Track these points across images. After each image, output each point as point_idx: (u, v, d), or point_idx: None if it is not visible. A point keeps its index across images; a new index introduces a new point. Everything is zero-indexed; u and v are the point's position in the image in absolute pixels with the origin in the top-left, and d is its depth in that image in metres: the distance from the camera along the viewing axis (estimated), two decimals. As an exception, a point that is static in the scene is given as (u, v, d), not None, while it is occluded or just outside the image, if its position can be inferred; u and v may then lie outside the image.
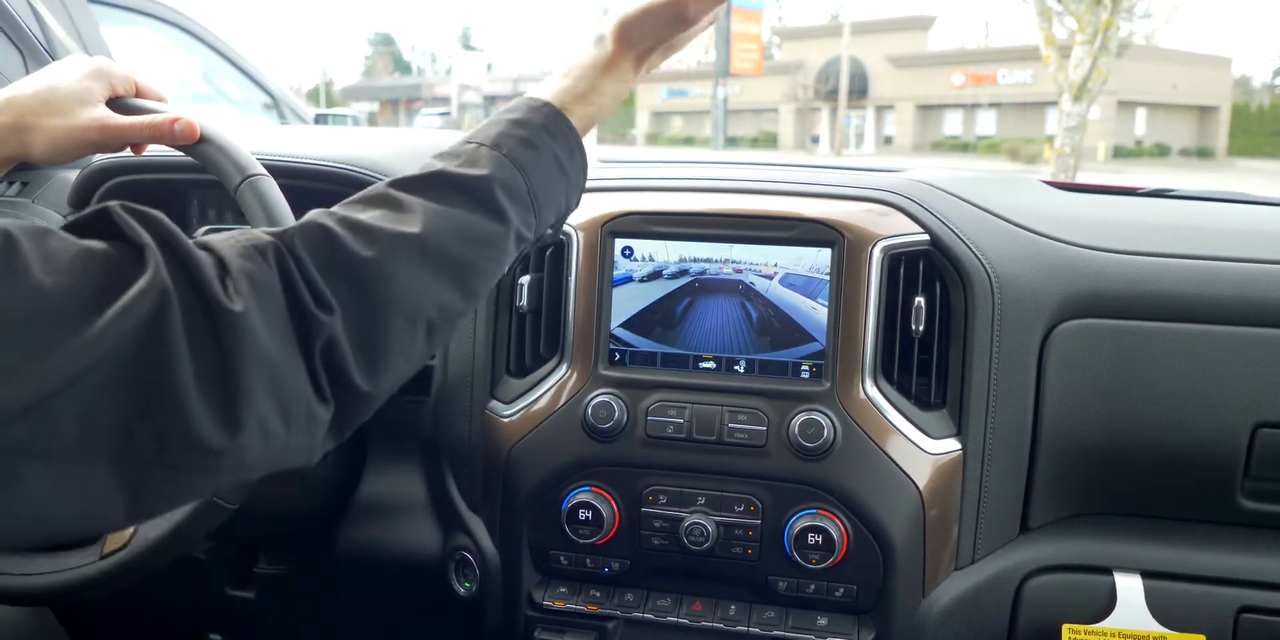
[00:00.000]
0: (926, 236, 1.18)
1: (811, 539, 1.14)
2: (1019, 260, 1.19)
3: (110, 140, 1.01)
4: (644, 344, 1.23)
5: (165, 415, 0.61)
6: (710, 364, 1.21)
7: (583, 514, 1.20)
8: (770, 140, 42.43)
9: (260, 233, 0.73)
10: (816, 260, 1.18)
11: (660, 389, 1.21)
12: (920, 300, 1.17)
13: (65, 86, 0.99)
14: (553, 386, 1.24)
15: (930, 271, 1.19)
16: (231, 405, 0.63)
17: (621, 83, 0.97)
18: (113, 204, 0.67)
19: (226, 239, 0.71)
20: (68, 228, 0.65)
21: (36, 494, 0.57)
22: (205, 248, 0.69)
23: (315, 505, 1.37)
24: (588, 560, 1.24)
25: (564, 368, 1.24)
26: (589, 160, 0.96)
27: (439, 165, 0.84)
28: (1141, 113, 36.94)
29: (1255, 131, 39.55)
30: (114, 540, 1.00)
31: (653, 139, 46.00)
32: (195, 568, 1.44)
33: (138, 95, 1.07)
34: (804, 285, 1.19)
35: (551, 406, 1.23)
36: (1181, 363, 1.16)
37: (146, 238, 0.64)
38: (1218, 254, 1.20)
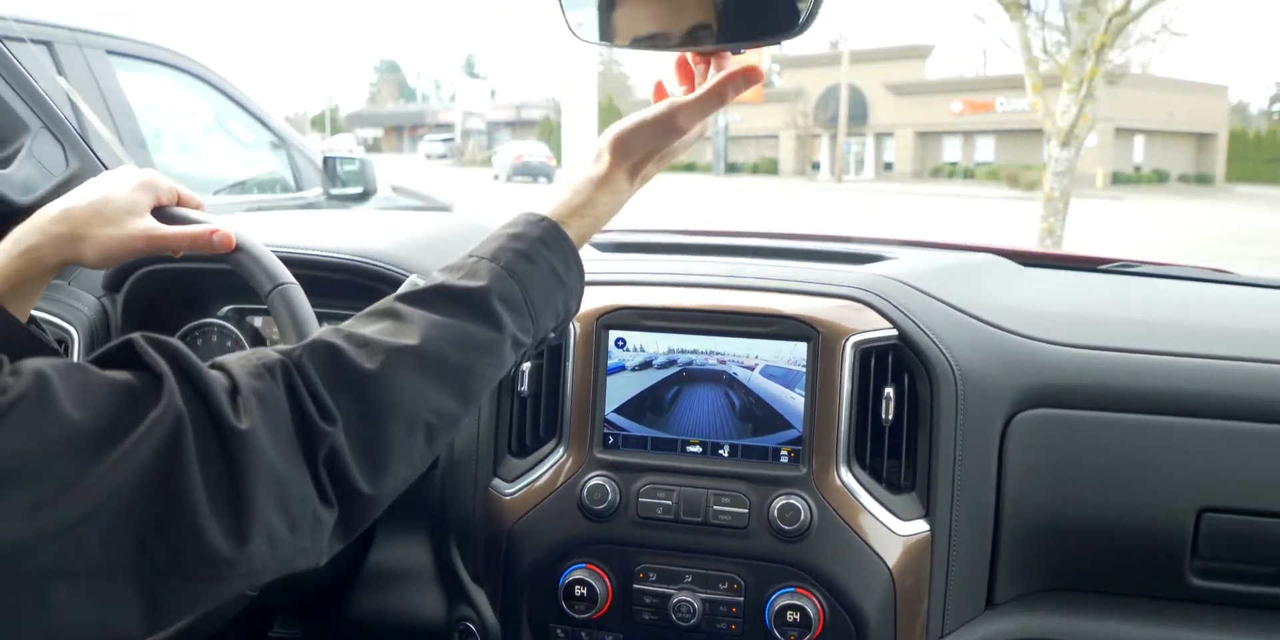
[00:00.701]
0: (895, 332, 1.28)
1: (790, 616, 1.23)
2: (980, 354, 1.29)
3: (155, 248, 1.12)
4: (636, 429, 1.33)
5: (179, 529, 0.68)
6: (697, 448, 1.31)
7: (579, 590, 1.29)
8: (771, 167, 42.66)
9: (270, 351, 0.81)
10: (794, 353, 1.28)
11: (651, 472, 1.31)
12: (890, 391, 1.27)
13: (117, 198, 1.09)
14: (551, 467, 1.34)
15: (899, 364, 1.29)
16: (240, 517, 0.70)
17: (617, 195, 1.04)
18: (136, 337, 0.75)
19: (239, 359, 0.79)
20: (96, 360, 0.74)
21: (61, 609, 0.64)
22: (219, 368, 0.77)
23: (327, 573, 1.46)
24: (583, 634, 1.33)
25: (561, 450, 1.34)
26: (584, 268, 1.02)
27: (441, 279, 0.92)
28: (1139, 140, 37.18)
29: (1253, 157, 39.76)
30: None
31: (654, 165, 46.09)
32: (212, 633, 1.53)
33: (179, 204, 1.18)
34: (783, 376, 1.29)
35: (550, 486, 1.33)
36: (1132, 450, 1.26)
37: (164, 367, 0.71)
38: (1167, 349, 1.30)
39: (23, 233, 1.06)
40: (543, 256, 0.96)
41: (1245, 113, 57.08)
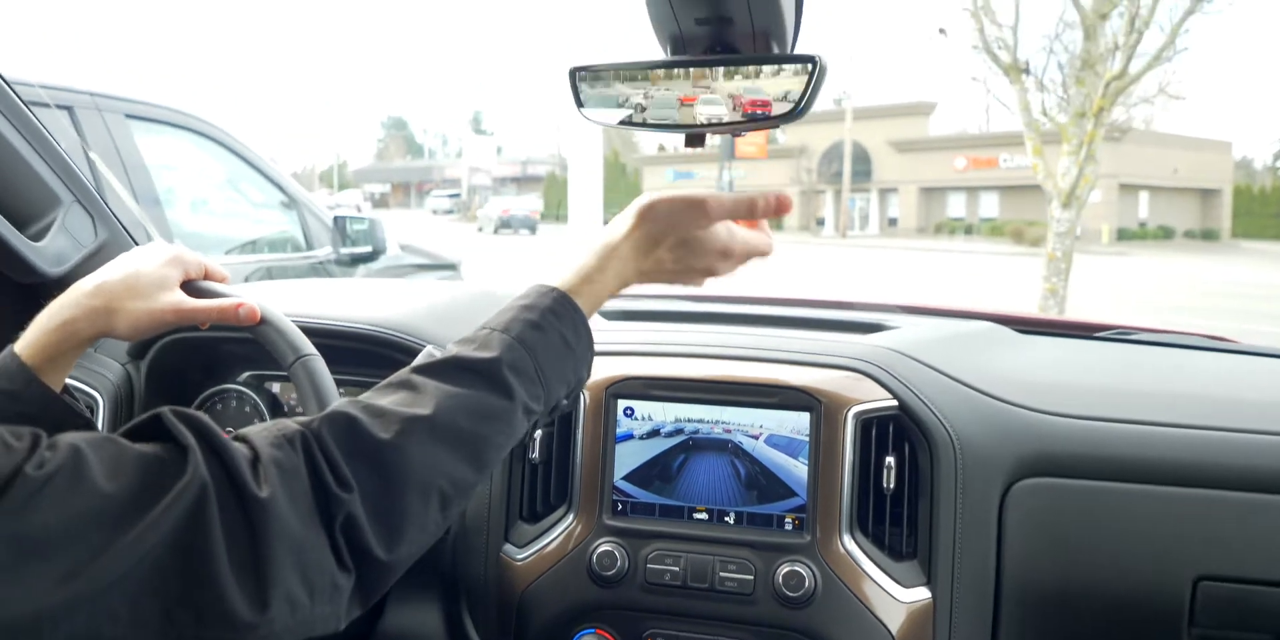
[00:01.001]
0: (895, 402, 1.32)
1: (794, 683, 1.26)
2: (979, 424, 1.33)
3: (184, 321, 1.17)
4: (644, 496, 1.37)
5: (203, 594, 0.71)
6: (703, 515, 1.35)
7: (586, 653, 1.32)
8: (775, 222, 42.78)
9: (290, 422, 0.85)
10: (797, 423, 1.33)
11: (659, 538, 1.34)
12: (891, 460, 1.31)
13: (148, 273, 1.15)
14: (561, 533, 1.38)
15: (900, 433, 1.33)
16: (261, 583, 0.74)
17: (626, 263, 1.06)
18: (164, 411, 0.79)
19: (261, 430, 0.83)
20: (127, 432, 0.79)
21: None
22: (241, 439, 0.81)
23: (341, 637, 1.49)
24: None
25: (571, 516, 1.38)
26: (594, 336, 1.05)
27: (455, 351, 0.96)
28: (1144, 196, 37.39)
29: (1258, 213, 39.98)
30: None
31: (660, 221, 46.39)
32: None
33: (206, 277, 1.24)
34: (786, 445, 1.33)
35: (560, 552, 1.37)
36: (1128, 519, 1.29)
37: (190, 439, 0.76)
38: (1164, 419, 1.33)
39: (59, 307, 1.11)
40: (553, 326, 0.99)
41: (1250, 169, 57.45)
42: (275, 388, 1.68)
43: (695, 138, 1.23)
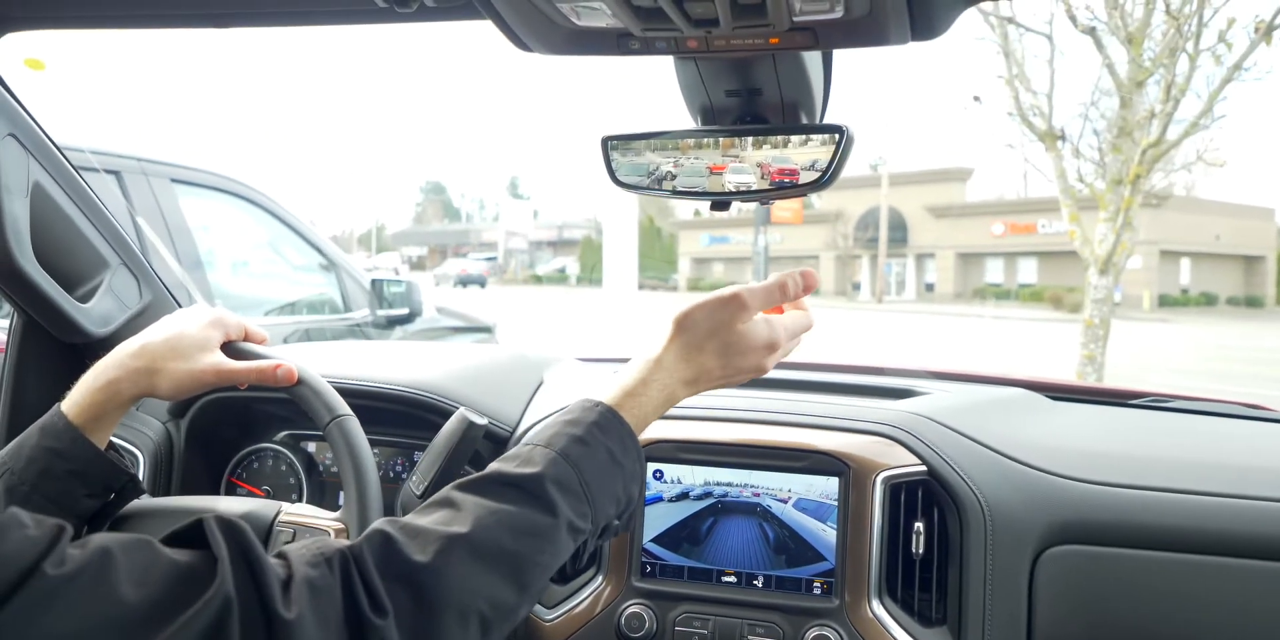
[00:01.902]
0: (924, 468, 1.33)
1: (822, 748, 1.25)
2: (1009, 490, 1.33)
3: (223, 381, 1.21)
4: (672, 558, 1.38)
5: None
6: (731, 578, 1.35)
7: (615, 717, 1.32)
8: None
9: (331, 542, 0.84)
10: (826, 487, 1.34)
11: (687, 601, 1.35)
12: (920, 525, 1.31)
13: (190, 334, 1.19)
14: (590, 594, 1.38)
15: (929, 499, 1.34)
16: None
17: (670, 374, 1.05)
18: (208, 517, 0.78)
19: (301, 548, 0.82)
20: (167, 539, 0.77)
21: None
22: (280, 556, 0.80)
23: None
24: None
25: (600, 578, 1.39)
26: (642, 453, 1.03)
27: (496, 467, 0.94)
28: (1186, 262, 37.09)
29: (1303, 281, 39.49)
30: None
31: (694, 284, 46.64)
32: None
33: (245, 339, 1.27)
34: (815, 509, 1.34)
35: (589, 613, 1.37)
36: (1161, 588, 1.28)
37: (224, 550, 0.74)
38: (1197, 488, 1.33)
39: (103, 368, 1.15)
40: (598, 440, 0.97)
41: (1291, 236, 56.83)
42: (311, 447, 1.71)
43: (722, 204, 1.26)
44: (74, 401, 1.12)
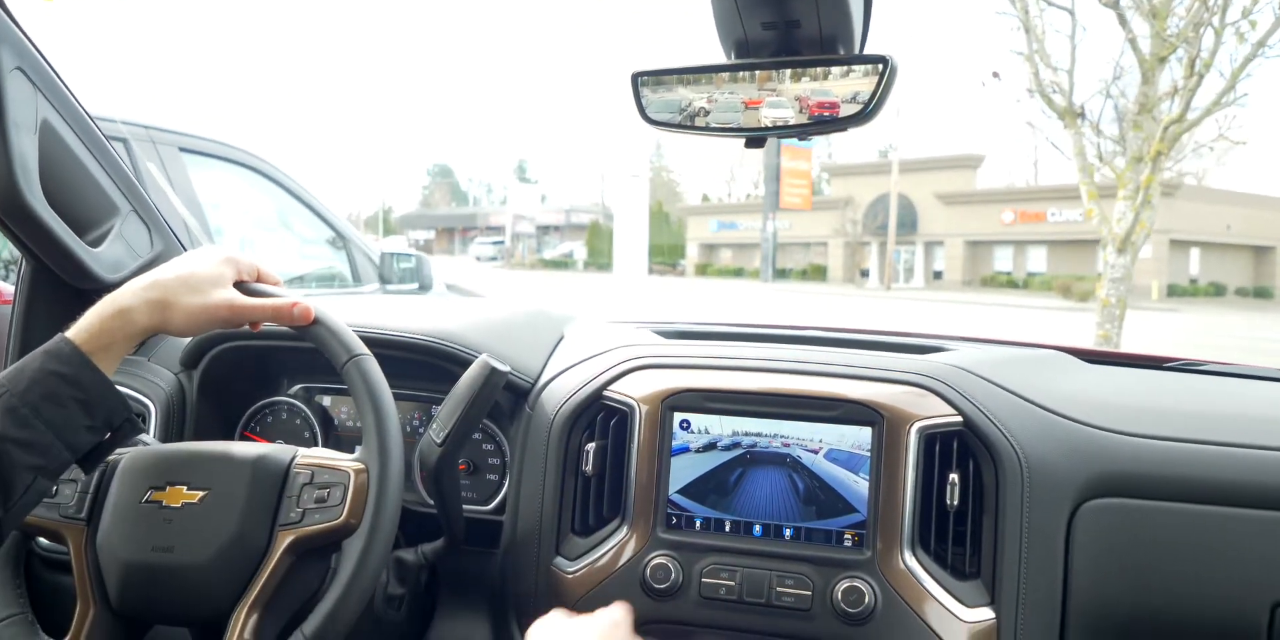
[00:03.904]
0: (960, 418, 1.29)
1: (853, 701, 1.22)
2: (1047, 442, 1.29)
3: (238, 318, 1.17)
4: (699, 510, 1.34)
5: None
6: (760, 530, 1.32)
7: (641, 668, 1.29)
8: (819, 273, 42.87)
9: None
10: (858, 438, 1.30)
11: (714, 552, 1.31)
12: (955, 476, 1.27)
13: (203, 271, 1.16)
14: (614, 546, 1.35)
15: (964, 450, 1.30)
16: None
17: None
18: None
19: None
20: None
21: None
22: None
23: (386, 651, 1.46)
24: None
25: (625, 529, 1.35)
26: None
27: None
28: (1195, 252, 36.96)
29: (1312, 271, 39.31)
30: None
31: (702, 270, 46.63)
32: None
33: (259, 279, 1.24)
34: (847, 460, 1.30)
35: (612, 565, 1.34)
36: (1202, 542, 1.24)
37: None
38: (1236, 440, 1.29)
39: (115, 297, 1.12)
40: None
41: (1301, 227, 56.56)
42: (326, 401, 1.68)
43: (756, 141, 1.21)
44: (82, 328, 1.08)
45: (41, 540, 1.45)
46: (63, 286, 1.53)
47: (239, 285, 1.20)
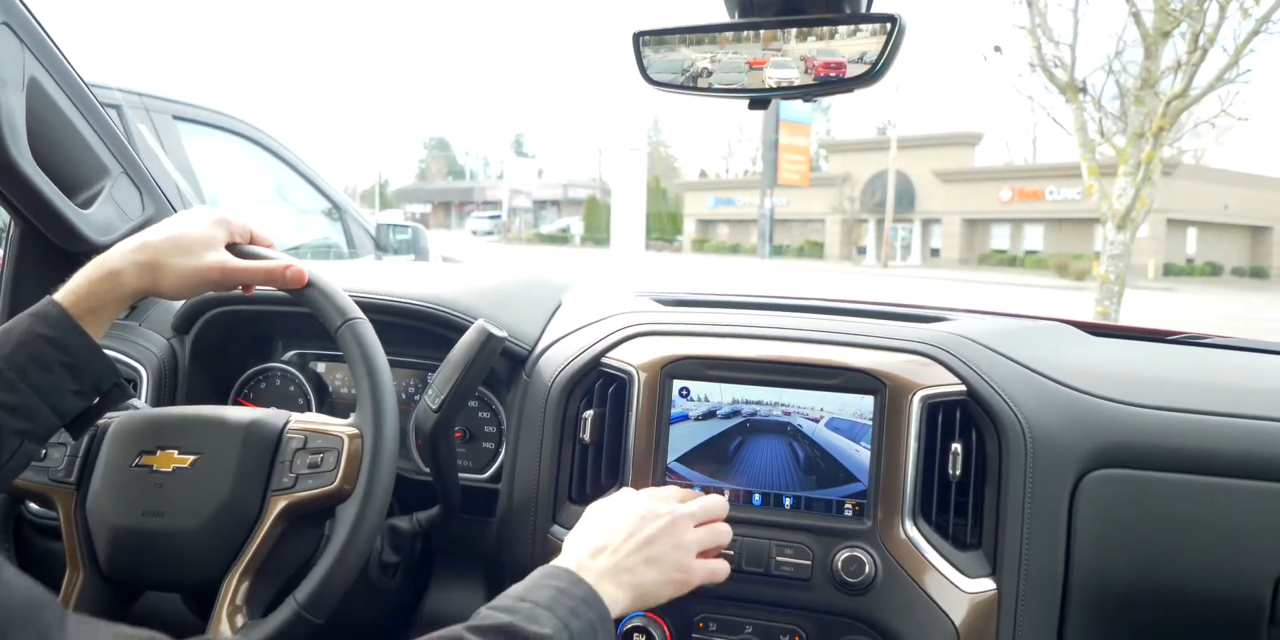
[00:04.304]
0: (963, 388, 1.27)
1: (853, 671, 1.21)
2: (1050, 411, 1.28)
3: (229, 280, 1.15)
4: (698, 478, 1.32)
5: None
6: (759, 499, 1.30)
7: (637, 638, 1.27)
8: (816, 250, 42.81)
9: None
10: (860, 406, 1.28)
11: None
12: (957, 446, 1.25)
13: (194, 232, 1.13)
14: (611, 515, 1.33)
15: (966, 420, 1.28)
16: None
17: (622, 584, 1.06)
18: None
19: None
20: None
21: None
22: None
23: (381, 616, 1.45)
24: None
25: (622, 498, 1.33)
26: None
27: (505, 618, 0.92)
28: (1192, 231, 36.91)
29: (1309, 251, 39.27)
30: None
31: (699, 246, 46.55)
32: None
33: (252, 242, 1.21)
34: (848, 429, 1.28)
35: (609, 534, 1.32)
36: (1206, 514, 1.23)
37: None
38: (1242, 412, 1.28)
39: (104, 259, 1.09)
40: (587, 617, 0.97)
41: (1299, 207, 56.52)
42: (321, 367, 1.65)
43: (760, 102, 1.19)
44: (70, 291, 1.06)
45: (32, 506, 1.43)
46: (51, 249, 1.50)
47: (231, 247, 1.18)
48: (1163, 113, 6.51)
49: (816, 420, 1.29)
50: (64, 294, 1.06)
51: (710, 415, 1.32)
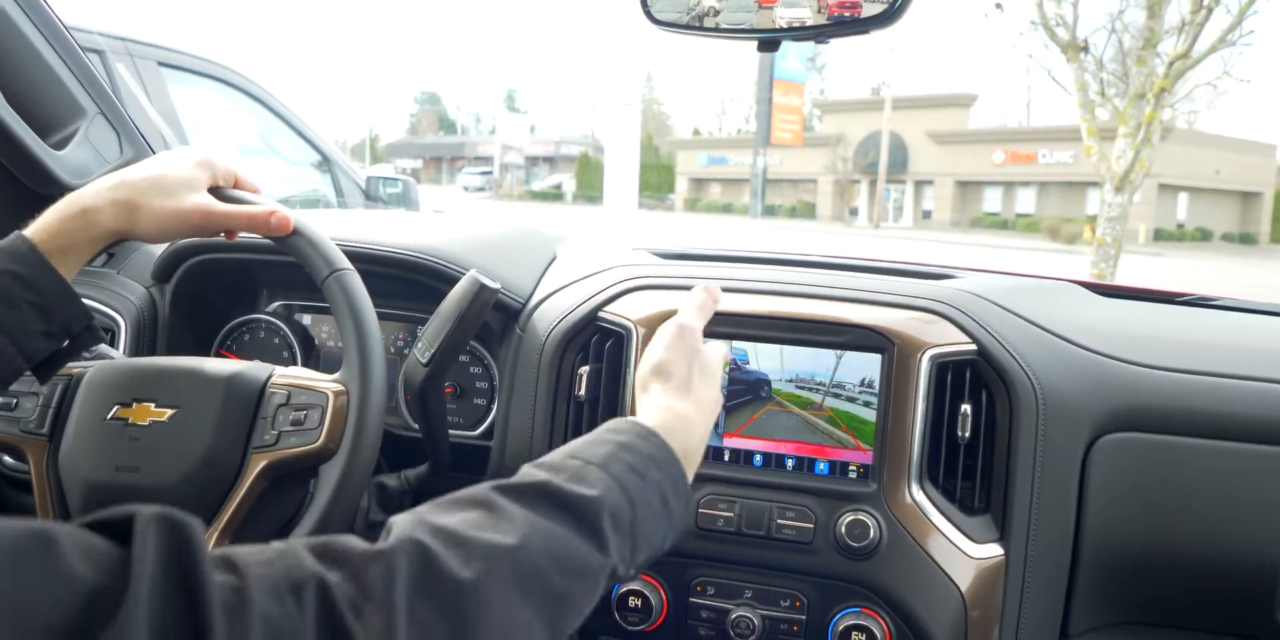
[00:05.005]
0: (974, 346, 1.22)
1: (855, 637, 1.17)
2: (1063, 372, 1.23)
3: (211, 225, 1.09)
4: (697, 438, 1.27)
5: None
6: (760, 460, 1.26)
7: (632, 601, 1.23)
8: (808, 210, 42.68)
9: (307, 562, 0.60)
10: (867, 365, 1.23)
11: (712, 482, 1.25)
12: (967, 408, 1.21)
13: (174, 173, 1.07)
14: (607, 475, 1.28)
15: (977, 380, 1.23)
16: None
17: (688, 418, 0.94)
18: (143, 514, 0.55)
19: (264, 562, 0.59)
20: (90, 524, 0.55)
21: None
22: (231, 567, 0.57)
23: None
24: None
25: (618, 457, 1.28)
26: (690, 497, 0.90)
27: (543, 476, 0.76)
28: (1184, 197, 36.88)
29: (1299, 218, 39.30)
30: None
31: (691, 205, 46.38)
32: None
33: (236, 186, 1.16)
34: (854, 389, 1.23)
35: (604, 494, 1.27)
36: (1220, 479, 1.19)
37: (146, 565, 0.51)
38: (1257, 374, 1.23)
39: (77, 196, 1.04)
40: (654, 477, 0.82)
41: (1291, 173, 56.49)
42: (307, 320, 1.60)
43: (769, 44, 1.13)
44: (41, 227, 1.00)
45: (7, 459, 1.38)
46: (24, 191, 1.44)
47: (214, 191, 1.12)
48: (1165, 73, 6.43)
49: (821, 379, 1.24)
50: (34, 230, 1.00)
51: (710, 373, 1.27)
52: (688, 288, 1.33)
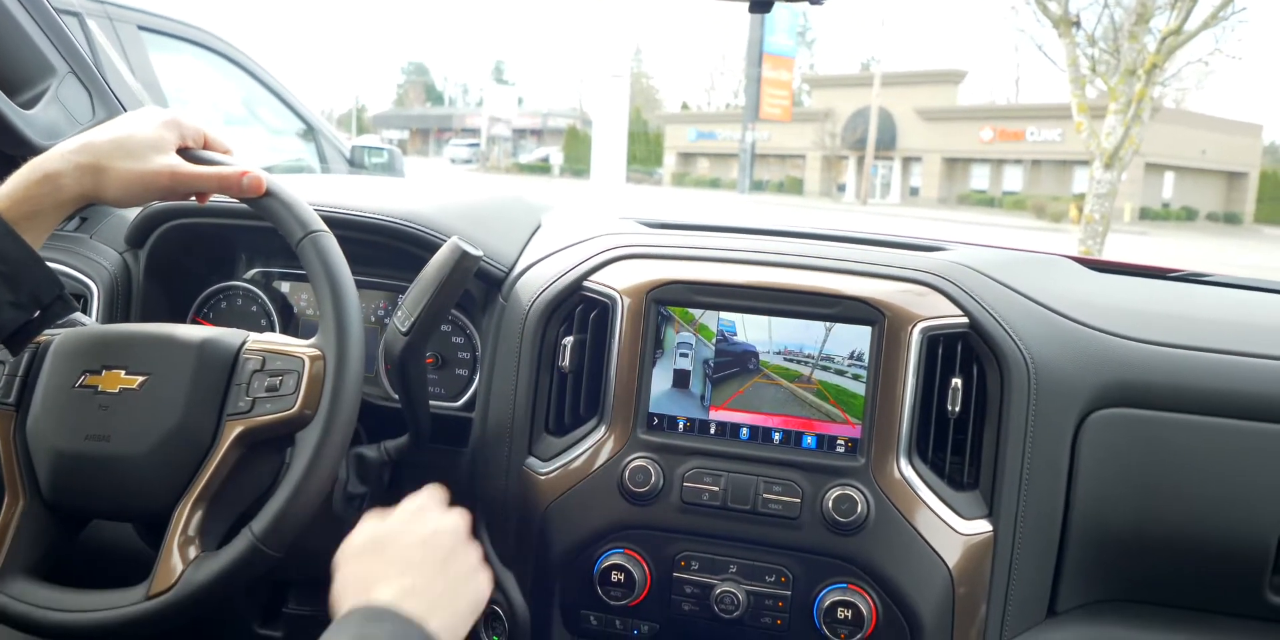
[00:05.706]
0: (965, 319, 1.20)
1: (841, 613, 1.15)
2: (1056, 346, 1.21)
3: (180, 187, 1.06)
4: (681, 410, 1.25)
5: None
6: (746, 433, 1.23)
7: (615, 576, 1.21)
8: (796, 186, 42.60)
9: None
10: (856, 337, 1.20)
11: (698, 456, 1.23)
12: (957, 381, 1.19)
13: (141, 134, 1.04)
14: (591, 447, 1.26)
15: (968, 354, 1.21)
16: None
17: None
18: None
19: None
20: None
21: None
22: None
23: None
24: (618, 622, 1.25)
25: (603, 429, 1.26)
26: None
27: None
28: (1170, 176, 36.93)
29: (1284, 199, 39.39)
30: (160, 582, 1.02)
31: (679, 179, 46.25)
32: (227, 605, 1.46)
33: (206, 147, 1.12)
34: (843, 361, 1.21)
35: (589, 467, 1.25)
36: (1213, 456, 1.17)
37: None
38: (1251, 350, 1.22)
39: (41, 160, 1.01)
40: None
41: (1278, 154, 56.67)
42: (285, 287, 1.57)
43: (761, 4, 1.10)
44: (4, 194, 0.97)
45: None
46: (-6, 153, 1.40)
47: (183, 152, 1.08)
48: (1156, 49, 6.39)
49: (810, 352, 1.22)
50: None
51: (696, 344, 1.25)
52: (675, 257, 1.31)
